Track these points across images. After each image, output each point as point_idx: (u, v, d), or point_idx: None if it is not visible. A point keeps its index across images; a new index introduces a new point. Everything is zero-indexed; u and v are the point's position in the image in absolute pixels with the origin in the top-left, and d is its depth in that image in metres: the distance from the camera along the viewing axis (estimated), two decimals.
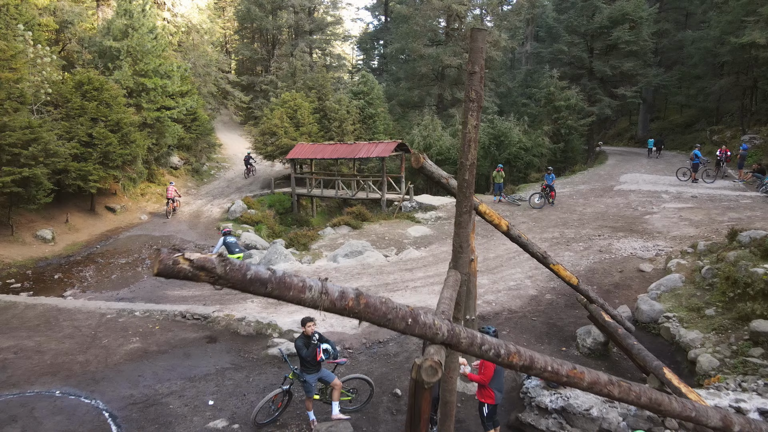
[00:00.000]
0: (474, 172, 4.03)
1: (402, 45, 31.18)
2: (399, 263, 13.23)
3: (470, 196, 4.06)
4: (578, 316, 9.73)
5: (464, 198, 4.04)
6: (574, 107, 26.05)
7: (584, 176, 24.53)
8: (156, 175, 25.25)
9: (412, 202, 19.83)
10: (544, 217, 17.21)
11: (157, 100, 22.30)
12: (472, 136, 3.93)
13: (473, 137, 3.95)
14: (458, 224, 4.12)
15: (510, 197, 19.50)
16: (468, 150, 3.96)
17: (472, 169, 4.00)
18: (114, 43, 21.36)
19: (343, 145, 22.10)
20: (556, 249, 13.53)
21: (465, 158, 3.97)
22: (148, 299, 12.51)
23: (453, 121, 27.32)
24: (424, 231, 16.18)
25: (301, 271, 13.11)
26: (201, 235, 20.23)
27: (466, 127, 3.94)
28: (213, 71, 33.74)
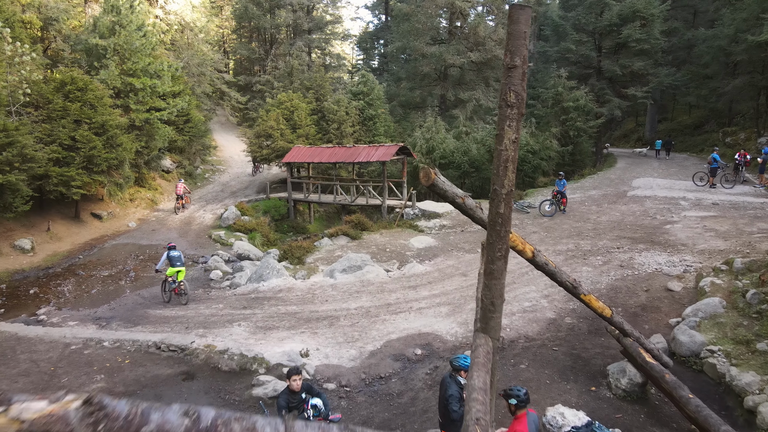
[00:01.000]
0: (511, 203, 2.94)
1: (403, 44, 30.08)
2: (402, 279, 12.13)
3: (506, 236, 2.97)
4: (605, 345, 8.63)
5: (498, 238, 2.96)
6: (583, 108, 24.96)
7: (594, 181, 23.43)
8: (146, 179, 24.15)
9: (415, 209, 18.73)
10: (556, 226, 16.11)
11: (146, 100, 21.21)
12: (509, 154, 2.84)
13: (511, 156, 2.86)
14: (489, 273, 3.03)
15: (518, 204, 18.39)
16: (504, 173, 2.87)
17: (509, 200, 2.92)
18: (100, 41, 20.27)
19: (341, 149, 21.01)
20: (573, 263, 12.43)
21: (500, 185, 2.88)
22: (126, 319, 11.43)
23: (456, 123, 26.21)
24: (427, 242, 15.08)
25: (295, 288, 12.01)
26: (191, 243, 19.12)
27: (501, 143, 2.84)
28: (208, 71, 32.63)
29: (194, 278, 15.20)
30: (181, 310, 11.71)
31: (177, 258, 11.98)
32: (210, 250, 18.61)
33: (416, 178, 23.54)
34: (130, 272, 16.01)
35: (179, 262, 11.97)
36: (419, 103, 31.56)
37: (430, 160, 22.60)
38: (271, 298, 11.65)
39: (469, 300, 10.70)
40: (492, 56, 27.90)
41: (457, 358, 5.13)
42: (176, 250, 12.19)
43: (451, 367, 5.22)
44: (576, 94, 25.04)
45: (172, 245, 12.39)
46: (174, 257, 11.96)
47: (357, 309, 10.51)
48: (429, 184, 5.06)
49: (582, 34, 28.30)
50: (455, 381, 5.04)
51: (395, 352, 8.71)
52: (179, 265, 11.95)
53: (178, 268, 11.93)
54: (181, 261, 12.07)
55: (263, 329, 9.77)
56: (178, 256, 12.02)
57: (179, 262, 11.97)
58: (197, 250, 18.46)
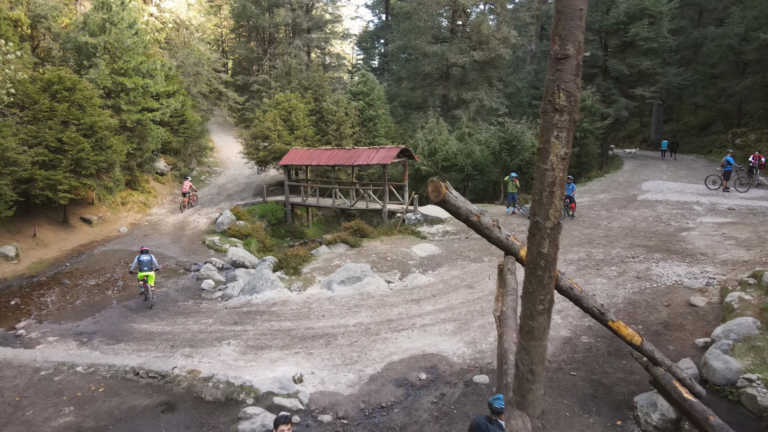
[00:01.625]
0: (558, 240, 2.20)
1: (404, 42, 29.30)
2: (404, 292, 11.37)
3: (550, 283, 2.22)
4: (627, 369, 7.88)
5: (540, 286, 2.22)
6: (589, 109, 24.18)
7: (602, 184, 22.68)
8: (139, 182, 23.41)
9: (417, 214, 17.98)
10: (565, 232, 15.33)
11: (138, 101, 20.45)
12: (557, 175, 2.10)
13: (559, 178, 2.11)
14: (527, 332, 2.29)
15: (524, 209, 17.64)
16: (549, 200, 2.13)
17: (555, 236, 2.18)
18: (90, 39, 19.52)
19: (340, 151, 20.26)
20: (586, 274, 11.68)
21: (543, 215, 2.14)
22: (110, 334, 10.70)
23: (459, 124, 25.45)
24: (431, 249, 14.33)
25: (290, 301, 11.26)
26: (184, 249, 18.38)
27: (546, 160, 2.10)
28: (204, 70, 31.89)
29: (185, 288, 14.47)
30: (168, 325, 10.96)
31: (146, 263, 12.44)
32: (203, 256, 17.87)
33: (418, 181, 22.80)
34: (118, 281, 15.26)
35: (147, 267, 12.43)
36: (420, 104, 30.82)
37: (432, 162, 21.85)
38: (264, 312, 10.90)
39: (476, 316, 9.96)
40: (495, 55, 27.14)
41: (497, 399, 4.39)
42: (147, 255, 12.62)
43: (490, 410, 4.47)
44: (582, 94, 24.25)
45: (145, 249, 12.84)
46: (143, 261, 12.42)
47: (356, 326, 9.76)
48: (439, 201, 4.32)
49: (588, 33, 27.52)
50: (497, 426, 4.29)
51: (398, 376, 7.96)
52: (146, 269, 12.42)
53: (145, 273, 12.39)
54: (149, 266, 12.47)
55: (254, 349, 9.02)
56: (147, 261, 12.47)
57: (147, 267, 12.43)
58: (190, 257, 17.72)
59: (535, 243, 2.20)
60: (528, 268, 2.30)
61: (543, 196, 2.14)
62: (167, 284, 14.97)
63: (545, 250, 2.18)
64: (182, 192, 22.93)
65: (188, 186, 22.77)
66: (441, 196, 4.25)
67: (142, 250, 12.77)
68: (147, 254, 12.65)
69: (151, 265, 12.52)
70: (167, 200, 24.48)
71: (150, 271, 12.47)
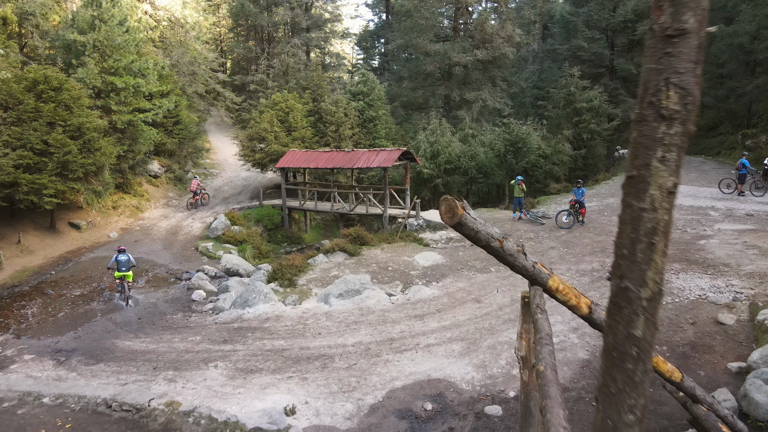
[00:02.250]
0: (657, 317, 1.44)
1: (405, 41, 28.51)
2: (406, 306, 10.60)
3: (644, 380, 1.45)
4: (656, 399, 7.10)
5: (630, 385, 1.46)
6: (597, 109, 23.43)
7: (610, 187, 21.91)
8: (131, 185, 22.63)
9: (419, 219, 17.21)
10: (575, 240, 14.59)
11: (129, 101, 19.69)
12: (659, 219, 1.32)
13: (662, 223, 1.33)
14: None
15: (532, 214, 16.88)
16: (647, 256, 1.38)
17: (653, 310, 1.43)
18: (79, 37, 18.76)
19: (339, 153, 19.48)
20: (601, 287, 10.91)
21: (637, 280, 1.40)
22: (90, 353, 9.94)
23: (462, 125, 24.67)
24: (434, 258, 13.56)
25: (284, 316, 10.49)
26: (176, 257, 17.60)
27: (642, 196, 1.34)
28: (200, 70, 31.13)
29: (175, 299, 13.70)
30: (153, 342, 10.19)
31: (123, 263, 12.76)
32: (196, 264, 17.11)
33: (420, 185, 22.03)
34: (105, 291, 14.49)
35: (124, 267, 12.76)
36: (422, 104, 30.05)
37: (435, 165, 21.08)
38: (256, 328, 10.13)
39: (485, 334, 9.19)
40: (499, 54, 26.36)
41: None
42: (125, 254, 12.89)
43: None
44: (589, 94, 23.53)
45: (122, 248, 13.09)
46: (121, 262, 12.72)
47: (355, 345, 8.99)
48: (454, 224, 3.55)
49: (594, 31, 26.80)
50: None
51: (401, 406, 7.20)
52: (124, 270, 12.75)
53: (123, 273, 12.72)
54: (127, 266, 12.79)
55: (243, 372, 8.25)
56: (124, 261, 12.76)
57: (124, 267, 12.76)
58: (182, 265, 16.95)
59: (622, 320, 1.45)
60: (608, 357, 1.54)
61: (637, 249, 1.39)
62: (157, 295, 14.20)
63: (638, 332, 1.42)
64: (191, 190, 23.02)
65: (196, 184, 22.79)
66: (457, 218, 3.48)
67: (120, 250, 13.06)
68: (124, 254, 12.96)
69: (128, 265, 12.85)
70: (161, 204, 23.71)
71: (128, 271, 12.84)
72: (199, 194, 22.99)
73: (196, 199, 22.81)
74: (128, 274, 12.82)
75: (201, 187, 23.37)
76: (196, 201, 22.86)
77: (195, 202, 22.77)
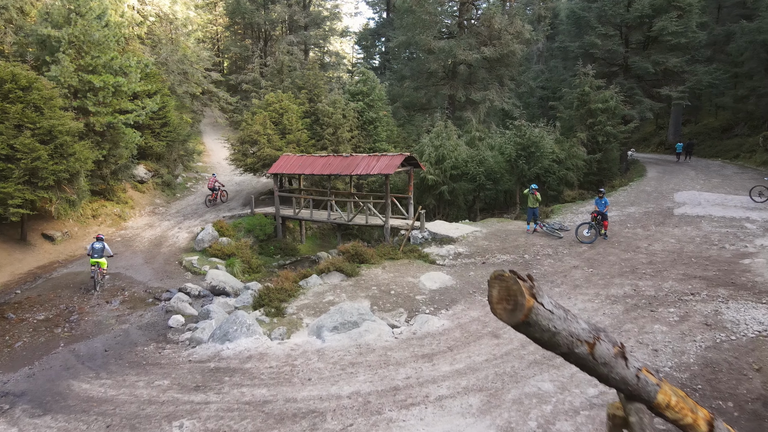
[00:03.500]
0: None
1: (407, 38, 26.96)
2: (412, 342, 9.06)
3: None
4: None
5: None
6: (612, 110, 21.89)
7: (629, 194, 20.36)
8: (114, 191, 21.10)
9: (424, 231, 15.68)
10: (599, 257, 13.04)
11: (109, 101, 18.16)
12: None
13: None
14: None
15: (548, 226, 15.33)
16: None
17: None
18: (53, 32, 17.26)
19: (337, 158, 17.95)
20: (638, 318, 9.38)
21: None
22: (39, 399, 8.41)
23: (468, 127, 23.13)
24: (442, 280, 12.02)
25: (269, 354, 8.95)
26: (157, 272, 16.08)
27: None
28: (191, 68, 29.63)
29: (150, 324, 12.17)
30: (114, 386, 8.65)
31: (96, 250, 13.63)
32: (178, 281, 15.59)
33: (423, 192, 20.48)
34: (74, 314, 12.95)
35: (97, 254, 13.62)
36: (425, 105, 28.51)
37: (440, 170, 19.53)
38: (235, 370, 8.59)
39: (507, 382, 7.65)
40: (508, 51, 24.81)
41: None
42: (101, 243, 13.75)
43: None
44: (605, 94, 21.98)
45: (100, 236, 14.00)
46: (96, 249, 13.62)
47: (351, 397, 7.45)
48: (517, 322, 2.02)
49: (607, 27, 25.25)
50: None
51: None
52: (97, 256, 13.62)
53: (96, 259, 13.59)
54: (100, 254, 13.66)
55: None
56: (99, 249, 13.66)
57: (97, 254, 13.62)
58: (163, 282, 15.42)
59: None
60: None
61: None
62: (131, 319, 12.68)
63: None
64: (209, 187, 23.02)
65: (214, 181, 22.75)
66: (522, 314, 1.95)
67: (97, 237, 13.95)
68: (100, 242, 13.78)
69: (102, 253, 13.71)
70: (146, 211, 22.19)
71: (101, 258, 13.70)
72: (218, 191, 22.88)
73: (214, 196, 22.81)
74: (101, 262, 13.72)
75: (220, 184, 23.26)
76: (215, 198, 22.88)
77: (214, 199, 22.80)
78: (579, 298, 10.50)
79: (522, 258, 13.44)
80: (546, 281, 11.57)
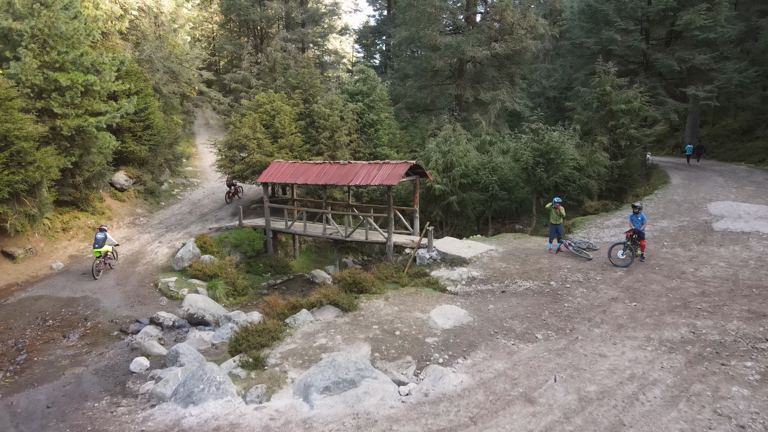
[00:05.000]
0: None
1: (411, 33, 24.97)
2: (424, 410, 7.13)
3: None
4: None
5: None
6: (637, 112, 19.97)
7: (657, 204, 18.41)
8: (89, 201, 19.19)
9: (432, 251, 13.75)
10: (640, 286, 11.09)
11: (79, 102, 16.26)
12: None
13: None
14: None
15: (575, 245, 13.39)
16: None
17: None
18: (14, 24, 15.38)
19: (333, 166, 16.03)
20: (707, 374, 7.43)
21: None
22: None
23: (478, 130, 21.20)
24: (456, 315, 10.10)
25: (242, 426, 7.01)
26: (128, 297, 14.15)
27: None
28: (179, 67, 27.72)
29: (108, 368, 10.28)
30: None
31: (98, 240, 14.40)
32: (151, 307, 13.68)
33: (429, 202, 18.55)
34: (22, 352, 11.07)
35: (98, 244, 14.40)
36: (429, 105, 26.57)
37: (448, 179, 17.60)
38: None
39: None
40: (521, 47, 22.89)
41: None
42: (103, 233, 14.49)
43: None
44: (627, 94, 20.03)
45: (103, 228, 14.73)
46: (97, 239, 14.43)
47: None
48: None
49: (627, 21, 23.32)
50: None
51: None
52: (97, 246, 14.40)
53: (97, 250, 14.42)
54: (101, 244, 14.41)
55: None
56: (100, 239, 14.41)
57: (98, 244, 14.40)
58: (133, 309, 13.51)
59: None
60: None
61: None
62: (88, 359, 10.80)
63: None
64: (227, 183, 22.86)
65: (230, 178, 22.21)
66: None
67: (100, 228, 14.66)
68: (103, 233, 14.54)
69: (104, 243, 14.49)
70: (125, 223, 20.28)
71: (100, 247, 14.43)
72: (235, 186, 22.91)
73: (232, 192, 22.91)
74: (104, 250, 14.60)
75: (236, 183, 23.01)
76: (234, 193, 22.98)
77: (232, 195, 22.93)
78: (627, 344, 8.56)
79: (548, 285, 11.51)
80: (582, 319, 9.65)
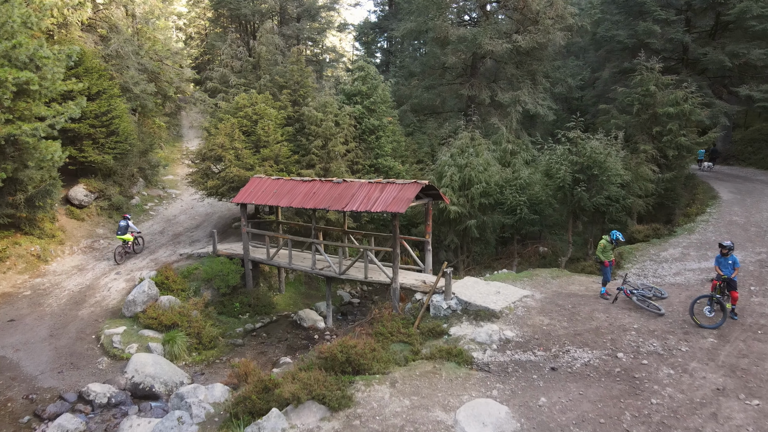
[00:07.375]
0: None
1: (417, 24, 21.79)
2: None
3: None
4: None
5: None
6: (687, 116, 16.82)
7: (717, 228, 15.23)
8: (36, 222, 16.08)
9: (450, 298, 10.60)
10: (747, 363, 7.91)
11: (12, 106, 13.15)
12: None
13: None
14: None
15: (638, 293, 10.21)
16: None
17: None
18: None
19: (325, 184, 12.88)
20: None
21: None
22: None
23: (497, 138, 18.05)
24: (494, 416, 6.95)
25: None
26: (59, 356, 11.01)
27: None
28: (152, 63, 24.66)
29: None
30: None
31: (121, 228, 15.32)
32: (87, 372, 10.57)
33: (442, 225, 15.35)
34: None
35: (120, 231, 15.30)
36: (438, 107, 23.45)
37: (465, 198, 14.46)
38: None
39: None
40: (547, 40, 19.74)
41: None
42: (125, 221, 15.39)
43: None
44: (676, 95, 16.88)
45: (126, 216, 15.61)
46: (120, 227, 15.37)
47: None
48: None
49: (668, 11, 20.17)
50: None
51: None
52: (120, 234, 15.30)
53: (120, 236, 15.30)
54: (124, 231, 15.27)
55: None
56: (122, 227, 15.31)
57: (120, 231, 15.30)
58: (62, 375, 10.38)
59: None
60: None
61: None
62: None
63: None
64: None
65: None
66: None
67: (124, 216, 15.55)
68: (125, 221, 15.34)
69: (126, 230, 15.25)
70: (80, 246, 17.14)
71: (123, 234, 15.18)
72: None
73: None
74: (126, 237, 15.26)
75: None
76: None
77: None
78: None
79: (614, 358, 8.35)
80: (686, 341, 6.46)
